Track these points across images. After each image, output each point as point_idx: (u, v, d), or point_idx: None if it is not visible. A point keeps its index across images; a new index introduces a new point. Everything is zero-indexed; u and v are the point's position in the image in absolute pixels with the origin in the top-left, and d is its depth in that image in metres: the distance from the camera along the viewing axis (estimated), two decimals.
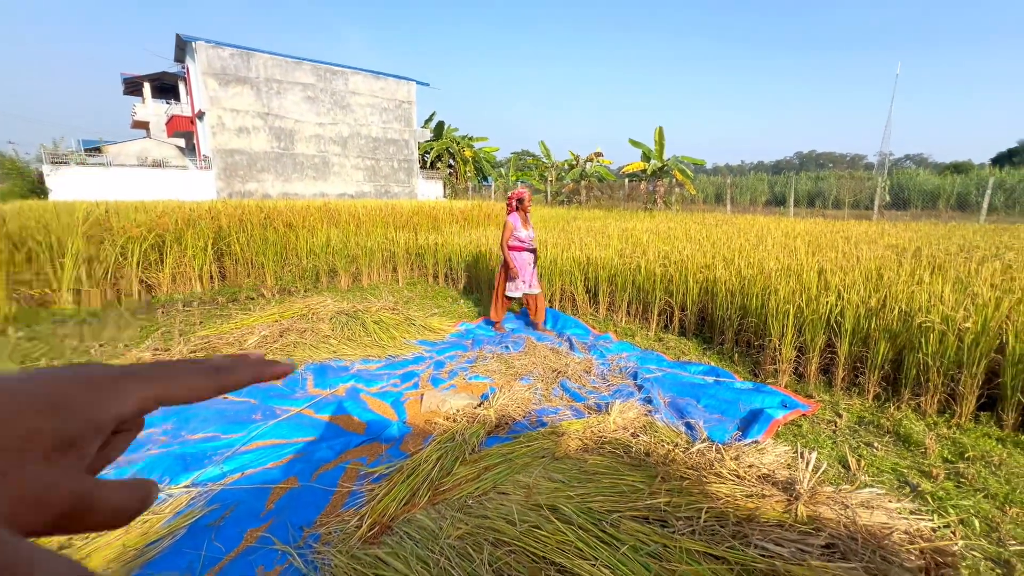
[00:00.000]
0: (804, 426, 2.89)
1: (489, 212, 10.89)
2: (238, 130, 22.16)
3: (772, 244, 6.59)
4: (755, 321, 3.97)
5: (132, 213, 6.47)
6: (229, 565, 1.76)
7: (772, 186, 33.81)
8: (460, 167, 32.51)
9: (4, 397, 0.21)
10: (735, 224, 10.71)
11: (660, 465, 2.09)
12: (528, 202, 4.52)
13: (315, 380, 3.46)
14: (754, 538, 1.57)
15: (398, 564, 1.64)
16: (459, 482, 2.26)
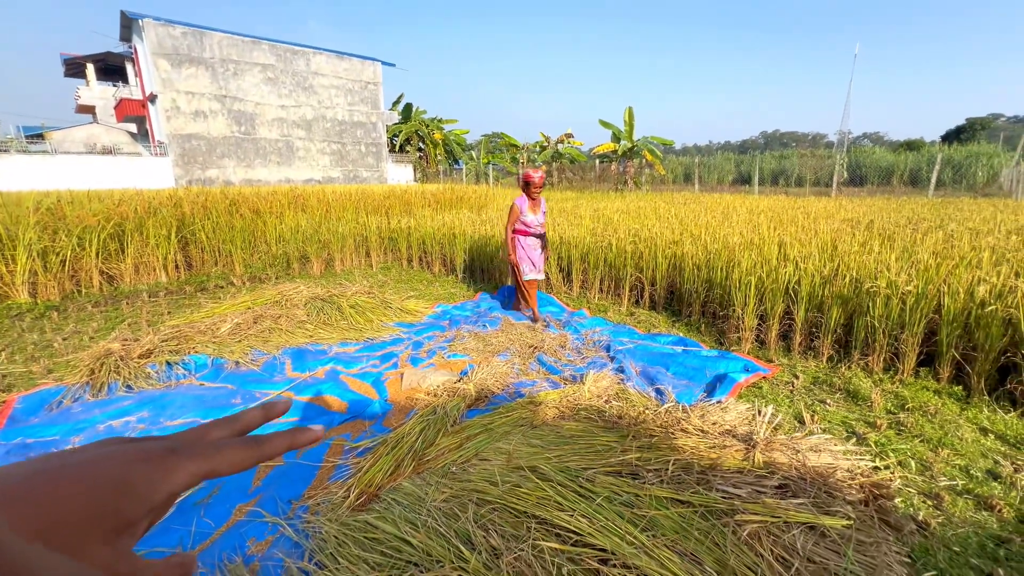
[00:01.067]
0: (764, 387, 3.09)
1: (461, 195, 10.85)
2: (194, 114, 21.15)
3: (737, 220, 6.84)
4: (720, 293, 4.17)
5: (87, 202, 6.18)
6: (220, 539, 1.81)
7: (738, 165, 34.64)
8: (430, 150, 31.99)
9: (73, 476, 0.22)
10: (703, 202, 11.01)
11: (632, 426, 2.23)
12: (536, 186, 4.17)
13: (293, 364, 3.47)
14: (716, 483, 1.72)
15: (387, 526, 1.72)
16: (442, 452, 2.34)
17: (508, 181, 28.40)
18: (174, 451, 0.26)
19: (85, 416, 2.67)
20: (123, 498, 0.23)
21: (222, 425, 0.31)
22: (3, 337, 4.11)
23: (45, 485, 0.21)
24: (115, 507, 0.22)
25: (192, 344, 3.63)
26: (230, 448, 0.29)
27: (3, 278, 4.95)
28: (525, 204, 4.24)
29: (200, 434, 0.30)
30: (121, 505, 0.23)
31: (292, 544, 1.76)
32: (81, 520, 0.21)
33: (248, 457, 0.29)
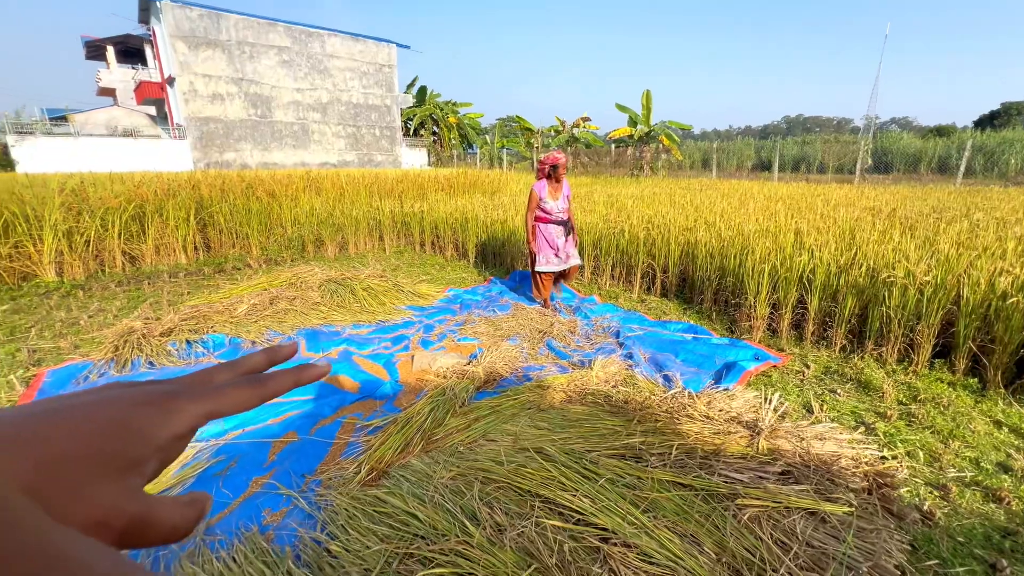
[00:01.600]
0: (774, 376, 3.08)
1: (475, 180, 10.82)
2: (212, 97, 21.32)
3: (754, 208, 6.72)
4: (732, 281, 4.13)
5: (108, 184, 6.32)
6: (238, 509, 1.89)
7: (759, 151, 33.84)
8: (444, 134, 31.83)
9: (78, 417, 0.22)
10: (719, 189, 10.82)
11: (637, 411, 2.25)
12: (563, 169, 4.03)
13: (307, 344, 3.55)
14: (718, 468, 1.74)
15: (395, 501, 1.78)
16: (450, 432, 2.40)
17: (522, 166, 28.19)
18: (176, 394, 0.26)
19: None
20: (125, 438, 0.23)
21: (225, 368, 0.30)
22: (33, 314, 4.27)
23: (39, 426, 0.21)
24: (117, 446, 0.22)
25: (210, 324, 3.74)
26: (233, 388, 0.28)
27: (31, 257, 5.12)
28: (544, 189, 4.08)
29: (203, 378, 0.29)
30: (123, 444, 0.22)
31: (305, 515, 1.83)
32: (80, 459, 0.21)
33: (253, 396, 0.28)
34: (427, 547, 1.56)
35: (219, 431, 2.42)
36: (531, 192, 4.09)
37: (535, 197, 4.07)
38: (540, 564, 1.47)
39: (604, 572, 1.46)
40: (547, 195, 4.07)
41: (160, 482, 1.98)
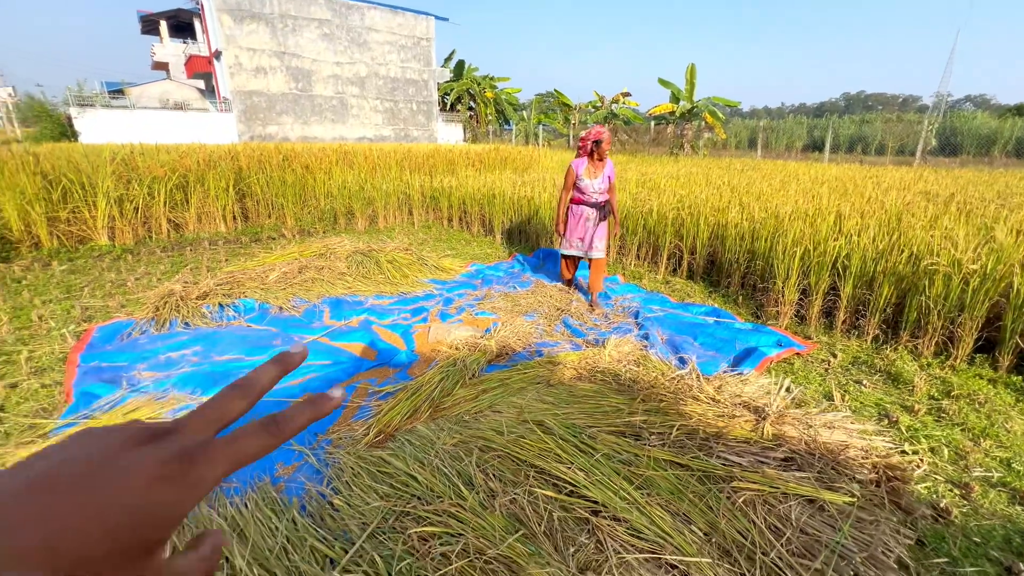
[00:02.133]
0: (796, 364, 2.97)
1: (506, 156, 10.72)
2: (255, 70, 21.83)
3: (795, 190, 6.38)
4: (762, 264, 3.97)
5: (155, 154, 6.64)
6: None
7: (811, 130, 31.88)
8: (481, 109, 31.51)
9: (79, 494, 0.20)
10: (762, 170, 10.32)
11: (643, 391, 2.23)
12: (607, 145, 3.69)
13: (331, 312, 3.68)
14: (718, 450, 1.71)
15: (397, 462, 1.85)
16: (458, 401, 2.45)
17: (559, 143, 27.67)
18: (193, 459, 0.23)
19: (150, 347, 2.98)
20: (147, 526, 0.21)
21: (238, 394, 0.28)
22: (87, 274, 4.59)
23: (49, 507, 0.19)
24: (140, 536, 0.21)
25: (242, 289, 3.92)
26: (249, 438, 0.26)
27: (87, 222, 5.48)
28: (583, 166, 3.75)
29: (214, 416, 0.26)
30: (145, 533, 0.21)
31: (314, 471, 1.93)
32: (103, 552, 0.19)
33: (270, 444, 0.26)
34: (423, 507, 1.62)
35: None
36: (568, 169, 3.80)
37: (571, 174, 3.78)
38: (528, 530, 1.51)
39: (591, 542, 1.48)
40: (584, 173, 3.75)
41: None
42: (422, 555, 1.44)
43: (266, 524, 1.62)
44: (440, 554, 1.44)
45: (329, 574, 1.38)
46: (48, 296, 3.97)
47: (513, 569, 1.39)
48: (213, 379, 2.63)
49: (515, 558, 1.41)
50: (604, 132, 3.70)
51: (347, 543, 1.52)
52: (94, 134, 18.91)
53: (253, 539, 1.53)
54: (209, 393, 2.49)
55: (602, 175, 3.77)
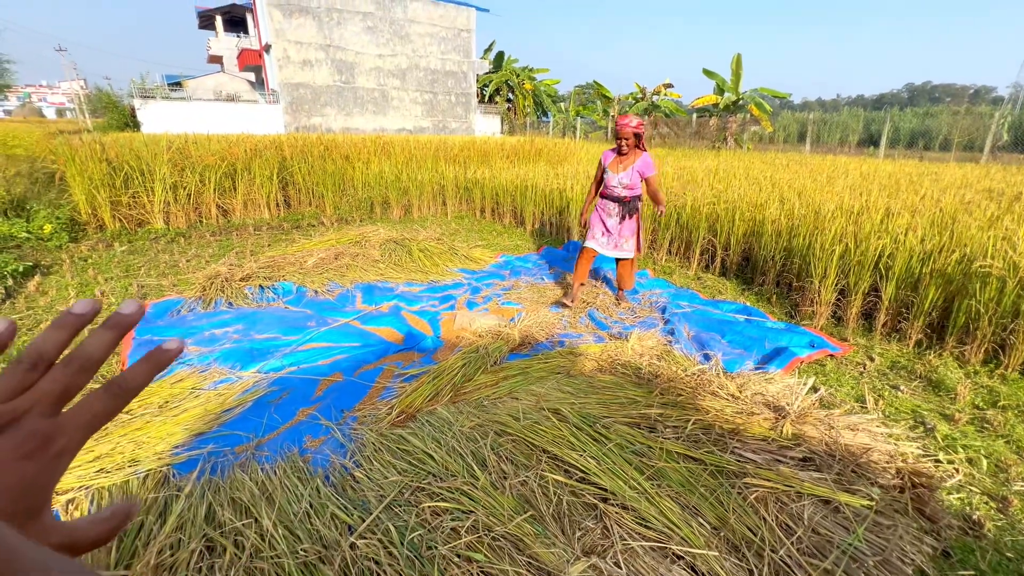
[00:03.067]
0: (828, 366, 2.87)
1: (541, 148, 10.68)
2: (302, 63, 22.55)
3: (843, 186, 6.08)
4: (799, 262, 3.83)
5: (207, 144, 7.02)
6: (285, 432, 2.15)
7: (868, 124, 30.09)
8: (519, 101, 31.41)
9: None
10: (809, 165, 9.85)
11: (663, 385, 2.22)
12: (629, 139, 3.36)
13: (363, 297, 3.82)
14: (733, 446, 1.70)
15: (416, 441, 1.93)
16: (479, 387, 2.52)
17: (597, 135, 27.25)
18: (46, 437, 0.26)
19: (196, 324, 3.20)
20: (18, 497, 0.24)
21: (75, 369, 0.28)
22: (144, 255, 4.94)
23: None
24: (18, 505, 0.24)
25: (282, 273, 4.12)
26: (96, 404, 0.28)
27: (145, 207, 5.87)
28: (609, 158, 3.56)
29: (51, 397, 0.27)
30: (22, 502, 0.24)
31: (338, 445, 2.04)
32: None
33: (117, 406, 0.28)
34: (437, 484, 1.69)
35: (278, 366, 2.71)
36: (599, 161, 3.67)
37: (600, 166, 3.64)
38: (536, 511, 1.55)
39: (597, 528, 1.51)
40: (610, 164, 3.54)
41: (224, 403, 2.29)
42: (433, 528, 1.50)
43: (292, 491, 1.73)
44: (450, 528, 1.50)
45: (346, 539, 1.47)
46: (109, 274, 4.30)
47: (519, 547, 1.44)
48: (251, 355, 2.79)
49: (522, 537, 1.46)
50: (628, 123, 3.38)
51: (365, 512, 1.60)
52: (154, 124, 20.08)
53: (280, 503, 1.64)
54: (248, 368, 2.66)
55: (629, 169, 3.46)
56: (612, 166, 3.53)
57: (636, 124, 3.37)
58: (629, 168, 3.47)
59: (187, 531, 1.50)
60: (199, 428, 2.10)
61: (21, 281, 4.00)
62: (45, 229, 5.07)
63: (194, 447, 1.98)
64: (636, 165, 3.46)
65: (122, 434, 1.98)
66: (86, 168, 5.46)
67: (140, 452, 1.92)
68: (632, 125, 3.37)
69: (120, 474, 1.80)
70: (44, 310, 3.45)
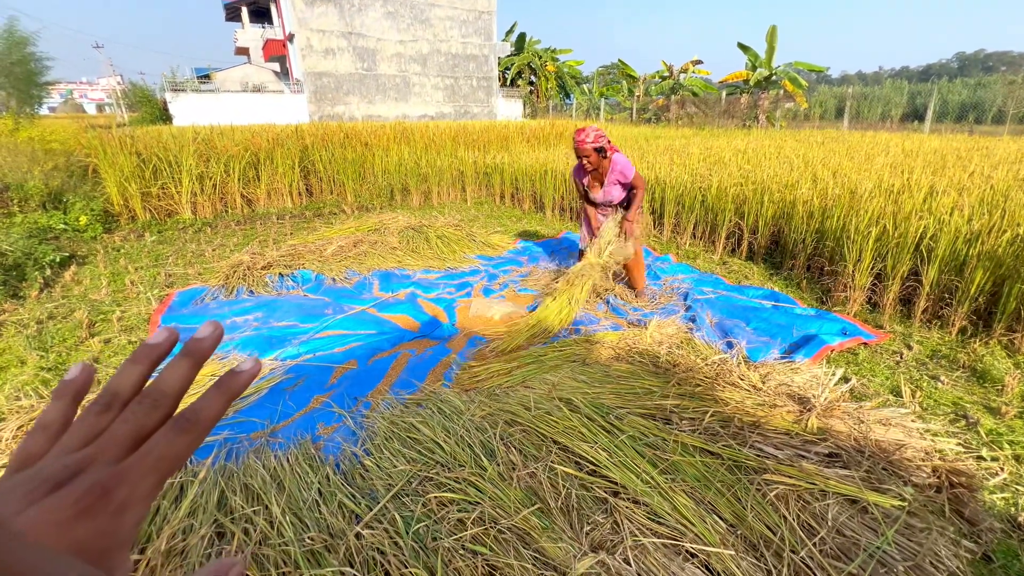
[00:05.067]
0: (861, 355, 2.72)
1: (561, 131, 10.46)
2: (325, 52, 22.67)
3: (883, 164, 5.73)
4: (831, 245, 3.63)
5: (231, 134, 7.13)
6: (299, 420, 2.17)
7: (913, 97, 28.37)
8: (541, 84, 30.86)
9: None
10: (846, 142, 9.34)
11: (681, 374, 2.14)
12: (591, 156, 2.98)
13: (380, 285, 3.83)
14: (753, 440, 1.61)
15: (426, 430, 1.91)
16: (492, 375, 2.48)
17: (622, 116, 26.58)
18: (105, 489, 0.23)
19: (218, 312, 3.26)
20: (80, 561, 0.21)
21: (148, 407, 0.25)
22: (172, 245, 5.08)
23: None
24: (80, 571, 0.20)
25: (302, 261, 4.16)
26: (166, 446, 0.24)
27: (173, 197, 6.03)
28: (585, 178, 3.21)
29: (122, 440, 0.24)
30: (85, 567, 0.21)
31: (350, 433, 2.05)
32: None
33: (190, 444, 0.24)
34: (445, 474, 1.67)
35: (295, 353, 2.74)
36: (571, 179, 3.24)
37: (579, 186, 3.31)
38: (544, 504, 1.51)
39: (607, 522, 1.46)
40: (589, 185, 3.25)
41: None
42: (439, 519, 1.49)
43: (303, 478, 1.74)
44: (456, 519, 1.48)
45: (352, 529, 1.47)
46: (140, 263, 4.44)
47: (526, 540, 1.41)
48: (270, 342, 2.83)
49: (529, 530, 1.42)
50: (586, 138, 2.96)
51: (372, 501, 1.60)
52: (185, 117, 20.62)
53: (289, 490, 1.66)
54: (266, 356, 2.70)
55: (607, 185, 3.15)
56: (591, 187, 3.26)
57: (594, 138, 2.96)
58: (607, 183, 3.15)
59: (199, 517, 1.52)
60: None
61: (58, 271, 4.18)
62: (81, 221, 5.26)
63: (211, 433, 2.02)
64: (613, 178, 3.13)
65: None
66: (117, 161, 5.63)
67: None
68: (589, 141, 2.95)
69: None
70: (78, 299, 3.59)
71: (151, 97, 24.22)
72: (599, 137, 2.98)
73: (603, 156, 3.06)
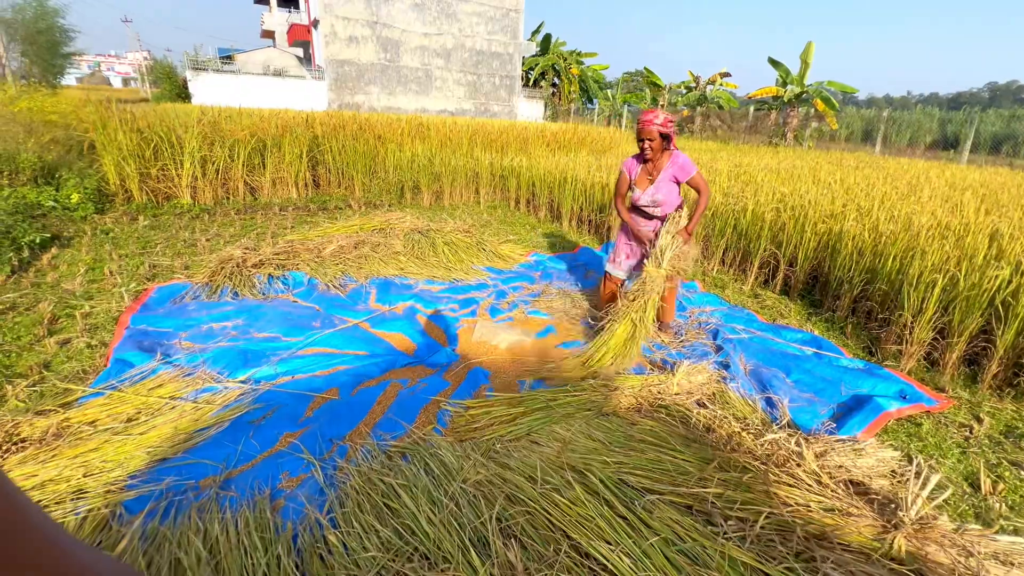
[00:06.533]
0: (925, 426, 2.32)
1: (584, 136, 10.07)
2: (348, 39, 22.44)
3: (931, 197, 5.30)
4: (884, 288, 3.23)
5: (238, 118, 6.84)
6: (261, 464, 1.83)
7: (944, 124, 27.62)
8: (564, 86, 30.42)
9: None
10: (883, 169, 8.86)
11: (720, 447, 1.77)
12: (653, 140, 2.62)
13: (378, 295, 3.49)
14: (826, 566, 1.24)
15: (408, 500, 1.56)
16: (492, 422, 2.13)
17: None
18: None
19: (195, 315, 2.94)
20: None
21: None
22: (165, 231, 4.78)
23: None
24: None
25: (296, 261, 3.83)
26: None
27: (173, 180, 5.75)
28: (635, 169, 2.81)
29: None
30: None
31: (317, 490, 1.70)
32: None
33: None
34: (423, 571, 1.32)
35: (271, 374, 2.41)
36: (620, 172, 2.88)
37: (623, 178, 2.86)
38: None
39: None
40: (635, 177, 2.82)
41: (199, 420, 1.99)
42: None
43: (250, 554, 1.40)
44: None
45: None
46: (126, 250, 4.14)
47: None
48: (245, 358, 2.50)
49: None
50: (652, 119, 2.60)
51: None
52: (204, 96, 20.49)
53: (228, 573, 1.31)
54: (237, 374, 2.36)
55: (661, 180, 2.73)
56: (639, 181, 2.81)
57: (663, 121, 2.62)
58: (660, 179, 2.73)
59: None
60: (164, 452, 1.81)
61: (37, 252, 3.89)
62: (73, 199, 4.99)
63: (152, 478, 1.68)
64: (668, 173, 2.73)
65: (74, 455, 1.70)
66: (116, 138, 5.35)
67: (90, 481, 1.63)
68: (658, 122, 2.60)
69: (59, 508, 1.52)
70: (48, 287, 3.29)
71: (172, 74, 24.15)
72: (669, 122, 2.63)
73: (666, 146, 2.71)
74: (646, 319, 2.69)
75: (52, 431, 1.80)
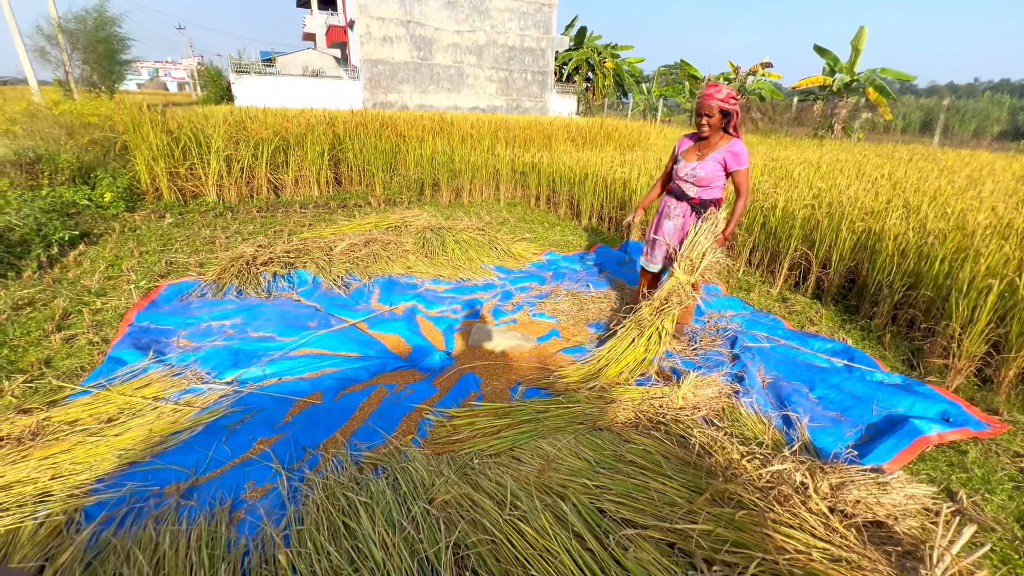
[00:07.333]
0: (971, 454, 2.03)
1: (610, 131, 9.76)
2: (383, 39, 22.78)
3: (992, 191, 4.77)
4: (930, 295, 2.89)
5: (263, 117, 6.98)
6: (229, 471, 1.77)
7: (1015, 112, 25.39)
8: (599, 81, 29.82)
9: None
10: (940, 161, 8.14)
11: (716, 474, 1.57)
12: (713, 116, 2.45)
13: (380, 294, 3.43)
14: None
15: (365, 519, 1.46)
16: (475, 434, 2.00)
17: (680, 118, 25.25)
18: None
19: (197, 313, 2.96)
20: None
21: None
22: (188, 228, 4.91)
23: None
24: None
25: (306, 259, 3.82)
26: None
27: (200, 179, 5.91)
28: (686, 144, 2.69)
29: None
30: None
31: (279, 503, 1.62)
32: None
33: None
34: None
35: (259, 375, 2.37)
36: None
37: (673, 153, 2.78)
38: None
39: None
40: (685, 151, 2.68)
41: (176, 422, 1.96)
42: None
43: (195, 572, 1.33)
44: None
45: None
46: (147, 247, 4.26)
47: None
48: (236, 358, 2.48)
49: None
50: (715, 92, 2.42)
51: None
52: (246, 97, 21.28)
53: None
54: (225, 375, 2.33)
55: (709, 159, 2.52)
56: (687, 153, 2.64)
57: (725, 96, 2.41)
58: (708, 157, 2.52)
59: None
60: (135, 455, 1.78)
61: (66, 249, 4.05)
62: (106, 197, 5.20)
63: (116, 482, 1.65)
64: (719, 154, 2.50)
65: (43, 457, 1.70)
66: (147, 138, 5.53)
67: (56, 484, 1.62)
68: (719, 96, 2.40)
69: (19, 512, 1.50)
70: (68, 284, 3.40)
71: (218, 77, 25.24)
72: (732, 98, 2.42)
73: (724, 126, 2.52)
74: (664, 334, 2.49)
75: (31, 430, 1.80)
